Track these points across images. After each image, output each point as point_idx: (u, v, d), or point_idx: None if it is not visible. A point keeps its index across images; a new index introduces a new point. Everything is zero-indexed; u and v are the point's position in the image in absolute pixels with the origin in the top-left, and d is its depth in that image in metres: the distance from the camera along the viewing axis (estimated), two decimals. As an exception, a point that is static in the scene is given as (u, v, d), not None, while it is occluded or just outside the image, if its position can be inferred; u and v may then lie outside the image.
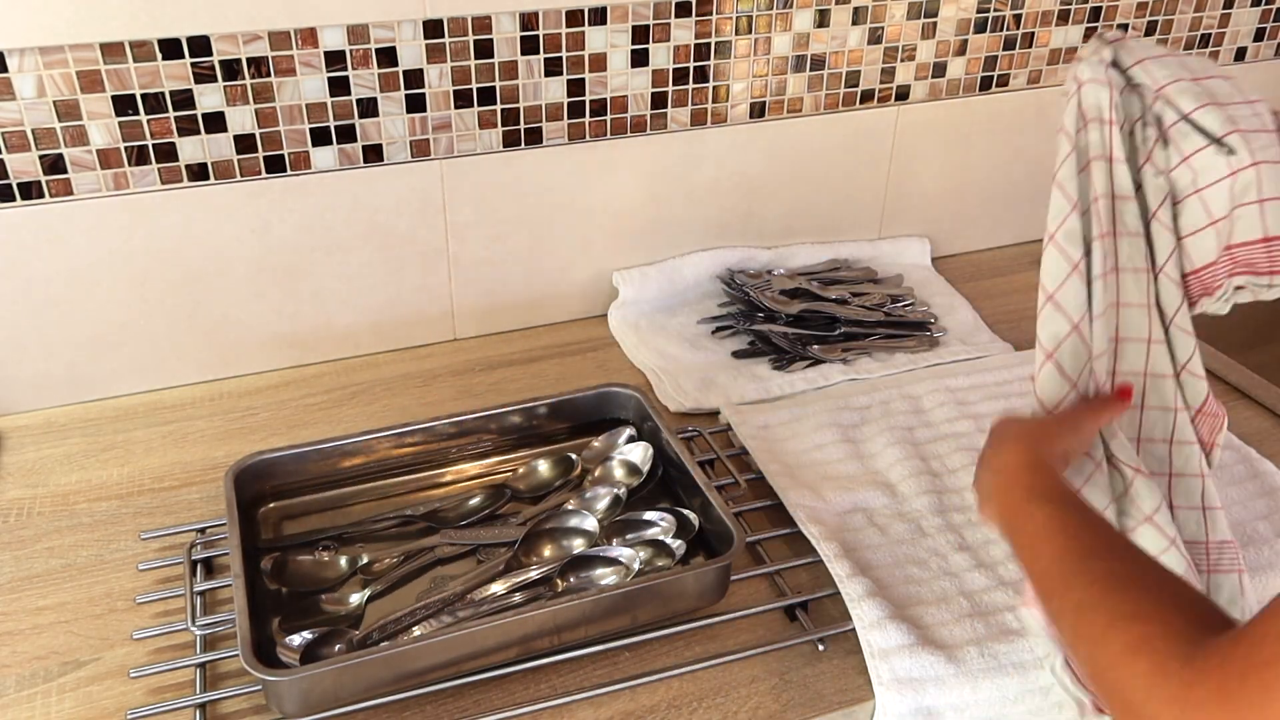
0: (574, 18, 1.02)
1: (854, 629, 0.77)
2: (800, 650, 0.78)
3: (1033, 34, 1.23)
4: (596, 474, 0.91)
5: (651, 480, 0.91)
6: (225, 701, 0.73)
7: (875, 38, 1.16)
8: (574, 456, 0.93)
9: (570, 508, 0.85)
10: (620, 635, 0.77)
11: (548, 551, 0.83)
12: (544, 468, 0.92)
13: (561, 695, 0.73)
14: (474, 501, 0.88)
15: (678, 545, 0.82)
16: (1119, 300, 0.73)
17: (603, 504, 0.87)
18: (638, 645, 0.77)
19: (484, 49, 1.01)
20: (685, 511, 0.85)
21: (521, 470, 0.92)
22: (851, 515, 0.88)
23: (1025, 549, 0.62)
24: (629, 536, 0.84)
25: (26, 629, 0.78)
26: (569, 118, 1.07)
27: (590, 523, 0.84)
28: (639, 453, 0.91)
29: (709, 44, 1.09)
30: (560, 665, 0.76)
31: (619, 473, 0.91)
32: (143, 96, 0.92)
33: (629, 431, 0.94)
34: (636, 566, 0.80)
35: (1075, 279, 0.71)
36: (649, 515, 0.85)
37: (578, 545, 0.83)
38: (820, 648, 0.77)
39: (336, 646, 0.74)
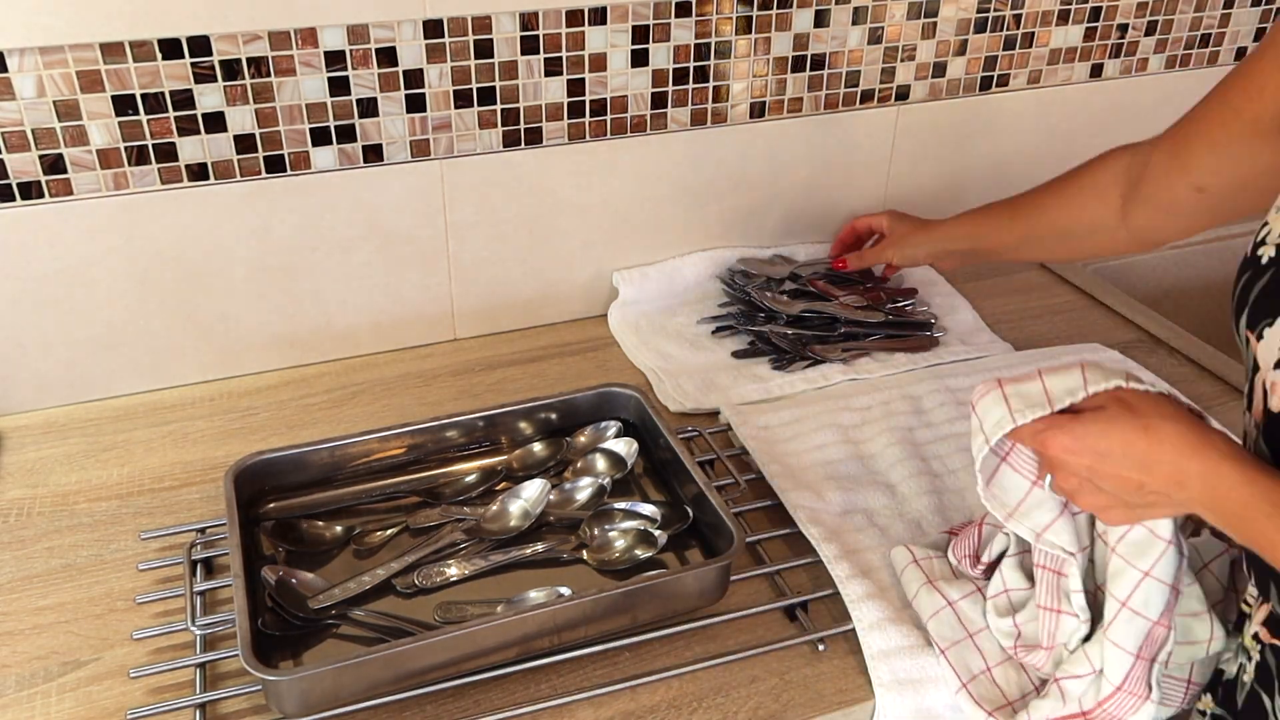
0: (574, 18, 1.02)
1: (854, 629, 0.77)
2: (800, 650, 0.78)
3: (1033, 34, 1.23)
4: (579, 465, 0.92)
5: (632, 471, 0.92)
6: (225, 701, 0.73)
7: (875, 38, 1.16)
8: (567, 440, 0.94)
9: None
10: (620, 635, 0.77)
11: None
12: (538, 449, 0.93)
13: (561, 695, 0.73)
14: (469, 479, 0.91)
15: (660, 535, 0.83)
16: None
17: (584, 494, 0.88)
18: (638, 645, 0.77)
19: (484, 49, 1.01)
20: (686, 507, 0.86)
21: (516, 452, 0.93)
22: (852, 516, 0.88)
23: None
24: (608, 527, 0.85)
25: (26, 629, 0.78)
26: (569, 118, 1.07)
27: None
28: (623, 445, 0.92)
29: (709, 44, 1.09)
30: (560, 665, 0.76)
31: (602, 464, 0.91)
32: (143, 96, 0.92)
33: (616, 425, 0.95)
34: (658, 524, 0.84)
35: None
36: (634, 506, 0.86)
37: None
38: (820, 648, 0.77)
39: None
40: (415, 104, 1.01)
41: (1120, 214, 0.87)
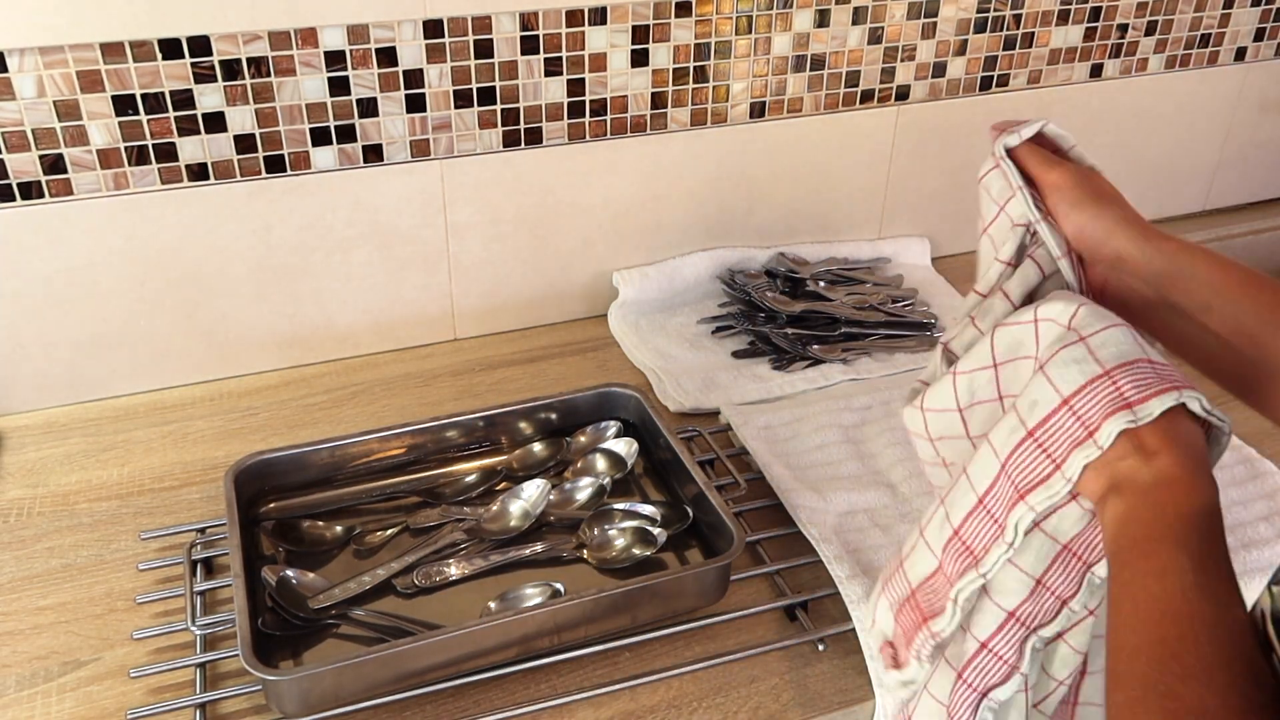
0: (574, 18, 1.02)
1: (854, 629, 0.77)
2: (800, 650, 0.78)
3: (1033, 34, 1.23)
4: (579, 465, 0.92)
5: (632, 471, 0.92)
6: (225, 701, 0.73)
7: (875, 38, 1.16)
8: (567, 440, 0.94)
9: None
10: (620, 635, 0.77)
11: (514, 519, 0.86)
12: (538, 449, 0.93)
13: (561, 695, 0.73)
14: (469, 479, 0.91)
15: (659, 533, 0.83)
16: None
17: (584, 494, 0.88)
18: (638, 645, 0.77)
19: (484, 49, 1.01)
20: (683, 508, 0.86)
21: (516, 452, 0.93)
22: (853, 516, 0.88)
23: (1131, 594, 0.50)
24: (608, 527, 0.85)
25: (26, 629, 0.78)
26: (569, 118, 1.07)
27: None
28: (623, 445, 0.92)
29: (709, 44, 1.09)
30: (560, 665, 0.76)
31: (602, 464, 0.92)
32: (143, 96, 0.92)
33: (615, 425, 0.95)
34: (658, 524, 0.84)
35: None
36: (634, 506, 0.86)
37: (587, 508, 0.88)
38: (820, 648, 0.77)
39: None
40: (415, 104, 1.01)
41: None
